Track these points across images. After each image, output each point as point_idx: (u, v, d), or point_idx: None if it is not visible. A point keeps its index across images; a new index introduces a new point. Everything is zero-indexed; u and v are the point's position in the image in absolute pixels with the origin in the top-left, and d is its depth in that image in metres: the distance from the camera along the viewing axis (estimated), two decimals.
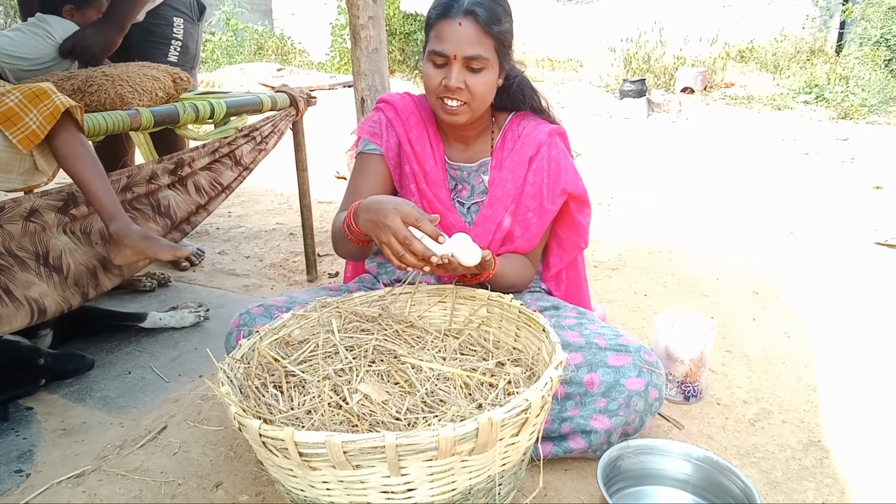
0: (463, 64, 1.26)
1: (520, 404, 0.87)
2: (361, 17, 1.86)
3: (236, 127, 2.03)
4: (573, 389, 1.25)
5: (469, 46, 1.24)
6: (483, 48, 1.25)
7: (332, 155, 5.27)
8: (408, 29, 9.72)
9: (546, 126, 1.41)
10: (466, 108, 1.30)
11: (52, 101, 1.38)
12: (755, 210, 3.37)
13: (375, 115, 1.48)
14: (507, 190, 1.39)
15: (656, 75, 8.06)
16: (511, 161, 1.40)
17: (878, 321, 2.01)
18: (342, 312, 1.27)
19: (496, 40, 1.27)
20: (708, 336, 1.52)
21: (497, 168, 1.42)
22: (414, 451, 0.82)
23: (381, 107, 1.48)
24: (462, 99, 1.29)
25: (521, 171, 1.39)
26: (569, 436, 1.27)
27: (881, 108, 6.39)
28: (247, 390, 1.04)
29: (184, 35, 2.38)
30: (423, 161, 1.41)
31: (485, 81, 1.28)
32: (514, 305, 1.24)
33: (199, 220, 1.96)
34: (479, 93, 1.28)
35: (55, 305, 1.50)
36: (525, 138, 1.41)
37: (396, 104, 1.45)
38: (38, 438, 1.42)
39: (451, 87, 1.27)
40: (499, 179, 1.40)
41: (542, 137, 1.40)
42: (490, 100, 1.34)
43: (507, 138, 1.43)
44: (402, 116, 1.43)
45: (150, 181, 1.79)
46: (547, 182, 1.38)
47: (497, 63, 1.30)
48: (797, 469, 1.30)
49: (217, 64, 10.66)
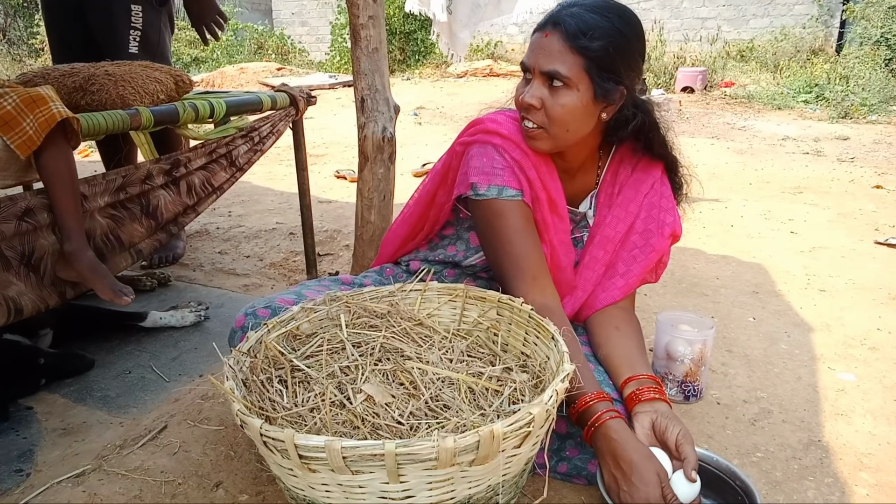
0: (542, 81, 1.14)
1: (523, 417, 0.86)
2: (361, 17, 1.85)
3: (236, 126, 2.03)
4: (575, 430, 1.16)
5: (547, 60, 1.12)
6: (564, 65, 1.11)
7: (332, 154, 5.27)
8: (408, 29, 9.73)
9: (659, 164, 1.32)
10: (544, 134, 1.18)
11: (48, 108, 1.38)
12: (755, 209, 3.36)
13: (498, 157, 1.23)
14: (619, 230, 1.29)
15: (656, 75, 8.05)
16: (623, 198, 1.30)
17: (878, 321, 2.01)
18: (351, 307, 1.26)
19: (586, 59, 1.10)
20: (708, 336, 1.52)
21: (606, 205, 1.32)
22: (413, 461, 0.81)
23: (503, 145, 1.23)
24: (537, 121, 1.17)
25: (633, 209, 1.29)
26: (567, 473, 1.22)
27: (881, 107, 6.39)
28: (251, 384, 1.04)
29: (143, 23, 2.29)
30: (557, 200, 1.26)
31: (564, 105, 1.13)
32: (524, 310, 1.21)
33: (187, 221, 1.95)
34: (555, 116, 1.14)
35: (32, 305, 1.49)
36: (637, 174, 1.30)
37: (517, 138, 1.23)
38: (38, 438, 1.42)
39: (524, 103, 1.16)
40: (610, 218, 1.30)
41: (655, 175, 1.30)
42: (578, 130, 1.18)
43: (617, 172, 1.32)
44: (529, 152, 1.22)
45: (145, 181, 1.78)
46: (657, 221, 1.29)
47: (589, 88, 1.12)
48: (797, 469, 1.30)
49: (217, 63, 10.65)
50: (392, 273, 1.54)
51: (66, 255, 1.50)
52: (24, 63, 11.29)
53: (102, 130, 1.57)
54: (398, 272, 1.54)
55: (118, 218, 1.72)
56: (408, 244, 1.54)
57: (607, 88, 1.14)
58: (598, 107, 1.17)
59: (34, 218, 1.49)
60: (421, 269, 1.45)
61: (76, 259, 1.49)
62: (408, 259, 1.55)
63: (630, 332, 1.28)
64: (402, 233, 1.53)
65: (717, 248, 2.73)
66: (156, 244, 1.84)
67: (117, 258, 1.71)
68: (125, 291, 1.50)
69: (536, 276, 1.22)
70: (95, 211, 1.65)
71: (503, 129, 1.25)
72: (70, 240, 1.49)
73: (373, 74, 1.90)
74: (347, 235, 2.92)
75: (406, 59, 10.01)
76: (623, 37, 1.13)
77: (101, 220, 1.68)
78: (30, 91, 1.38)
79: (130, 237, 1.75)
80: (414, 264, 1.52)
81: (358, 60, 1.91)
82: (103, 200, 1.66)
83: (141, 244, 1.79)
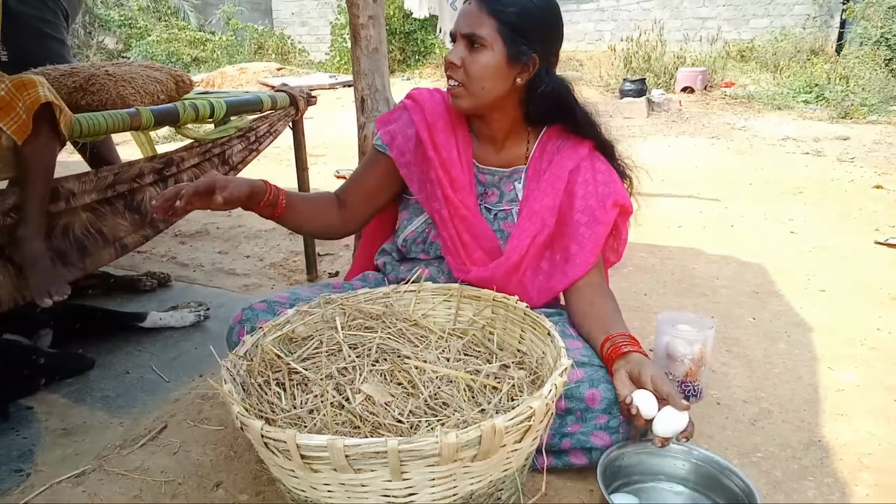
0: (464, 43, 1.26)
1: (524, 411, 0.86)
2: (361, 17, 1.85)
3: (236, 126, 2.03)
4: (574, 405, 1.20)
5: (466, 24, 1.24)
6: (482, 28, 1.23)
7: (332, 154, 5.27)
8: (408, 29, 9.73)
9: (586, 142, 1.38)
10: (463, 92, 1.28)
11: (36, 90, 1.39)
12: (755, 209, 3.36)
13: (399, 112, 1.45)
14: (546, 203, 1.34)
15: (656, 75, 8.05)
16: (550, 174, 1.36)
17: (878, 321, 2.01)
18: (346, 309, 1.26)
19: (500, 22, 1.23)
20: (708, 336, 1.52)
21: (534, 179, 1.38)
22: (416, 457, 0.81)
23: (407, 105, 1.44)
24: (458, 78, 1.27)
25: (560, 185, 1.35)
26: (569, 451, 1.24)
27: (881, 107, 6.39)
28: (249, 388, 1.04)
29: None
30: (450, 167, 1.37)
31: (480, 62, 1.24)
32: (519, 307, 1.23)
33: (176, 218, 1.95)
34: (474, 73, 1.25)
35: (8, 296, 1.49)
36: (564, 151, 1.37)
37: (424, 105, 1.41)
38: (38, 438, 1.42)
39: (447, 62, 1.27)
40: (537, 192, 1.36)
41: (582, 152, 1.37)
42: (494, 88, 1.28)
43: (545, 149, 1.39)
44: (429, 119, 1.38)
45: (135, 180, 1.78)
46: (597, 195, 1.35)
47: (502, 49, 1.24)
48: (797, 469, 1.30)
49: (217, 63, 10.66)
50: (374, 279, 1.55)
51: (18, 239, 1.51)
52: None
53: (102, 130, 1.57)
54: (379, 277, 1.56)
55: (101, 212, 1.72)
56: (376, 242, 1.61)
57: (520, 51, 1.25)
58: (513, 70, 1.27)
59: (19, 213, 1.50)
60: (414, 269, 1.45)
61: (23, 245, 1.50)
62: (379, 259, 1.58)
63: (602, 303, 1.33)
64: (369, 231, 1.62)
65: (717, 248, 2.73)
66: (142, 240, 1.84)
67: (100, 252, 1.72)
68: (52, 293, 1.50)
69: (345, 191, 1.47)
70: (80, 206, 1.66)
71: (421, 96, 1.42)
72: (27, 225, 1.50)
73: (373, 74, 1.91)
74: None
75: (406, 59, 10.01)
76: (536, 7, 1.25)
77: (83, 214, 1.68)
78: (21, 76, 1.39)
79: (114, 231, 1.75)
80: (380, 262, 1.56)
81: (358, 60, 1.91)
82: (91, 197, 1.67)
83: (126, 239, 1.79)
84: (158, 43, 10.96)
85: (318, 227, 1.44)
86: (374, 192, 1.46)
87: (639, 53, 8.53)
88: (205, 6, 12.81)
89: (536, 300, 1.36)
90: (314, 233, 1.42)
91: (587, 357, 1.24)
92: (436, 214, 1.38)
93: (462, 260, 1.37)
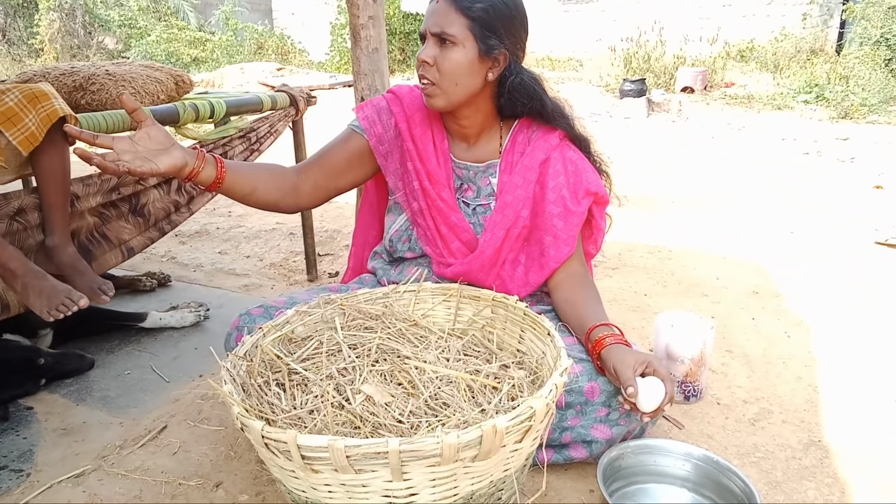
0: (435, 42, 1.25)
1: (524, 412, 0.86)
2: (361, 17, 1.85)
3: (236, 126, 2.03)
4: (573, 398, 1.21)
5: (436, 23, 1.24)
6: (452, 26, 1.23)
7: None
8: (408, 29, 9.74)
9: (556, 131, 1.39)
10: (437, 90, 1.28)
11: (50, 103, 1.38)
12: (755, 209, 3.37)
13: (379, 100, 1.45)
14: (518, 195, 1.36)
15: (656, 75, 8.06)
16: (521, 165, 1.37)
17: (879, 321, 2.01)
18: (346, 310, 1.26)
19: (470, 20, 1.23)
20: (708, 336, 1.52)
21: (507, 172, 1.39)
22: (417, 458, 0.81)
23: (387, 97, 1.46)
24: (430, 77, 1.27)
25: (531, 176, 1.36)
26: (570, 445, 1.25)
27: (881, 107, 6.40)
28: (249, 388, 1.04)
29: None
30: (426, 159, 1.39)
31: (452, 59, 1.24)
32: (518, 307, 1.23)
33: (181, 219, 1.94)
34: (446, 70, 1.25)
35: (17, 302, 1.49)
36: (535, 142, 1.38)
37: (403, 98, 1.43)
38: (38, 438, 1.42)
39: (419, 60, 1.27)
40: (509, 184, 1.37)
41: (553, 141, 1.38)
42: (467, 85, 1.28)
43: (516, 141, 1.41)
44: (408, 112, 1.41)
45: (140, 181, 1.78)
46: (568, 185, 1.35)
47: (474, 46, 1.25)
48: (797, 469, 1.30)
49: (217, 64, 10.66)
50: (371, 281, 1.55)
51: (48, 250, 1.51)
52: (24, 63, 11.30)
53: (102, 130, 1.57)
54: (374, 281, 1.56)
55: (105, 216, 1.73)
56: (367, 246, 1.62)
57: (490, 45, 1.26)
58: (485, 65, 1.28)
59: (25, 218, 1.50)
60: (414, 270, 1.45)
61: (58, 254, 1.50)
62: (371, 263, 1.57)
63: (579, 296, 1.33)
64: (359, 233, 1.63)
65: (717, 248, 2.73)
66: (148, 242, 1.84)
67: (106, 255, 1.72)
68: (104, 290, 1.50)
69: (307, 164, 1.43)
70: (85, 210, 1.66)
71: (401, 90, 1.45)
72: (54, 234, 1.50)
73: (373, 74, 1.91)
74: (347, 235, 2.92)
75: (406, 59, 10.02)
76: (503, 3, 1.26)
77: (88, 218, 1.69)
78: (32, 87, 1.38)
79: (118, 235, 1.75)
80: (372, 267, 1.56)
81: (358, 60, 1.91)
82: (95, 200, 1.67)
83: (132, 241, 1.79)
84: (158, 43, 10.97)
85: (269, 192, 1.31)
86: (340, 169, 1.42)
87: (639, 53, 8.54)
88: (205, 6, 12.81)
89: (517, 294, 1.36)
90: (263, 201, 1.30)
91: (585, 353, 1.25)
92: (414, 204, 1.41)
93: (440, 251, 1.39)
